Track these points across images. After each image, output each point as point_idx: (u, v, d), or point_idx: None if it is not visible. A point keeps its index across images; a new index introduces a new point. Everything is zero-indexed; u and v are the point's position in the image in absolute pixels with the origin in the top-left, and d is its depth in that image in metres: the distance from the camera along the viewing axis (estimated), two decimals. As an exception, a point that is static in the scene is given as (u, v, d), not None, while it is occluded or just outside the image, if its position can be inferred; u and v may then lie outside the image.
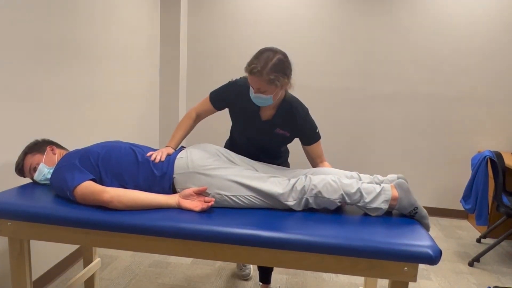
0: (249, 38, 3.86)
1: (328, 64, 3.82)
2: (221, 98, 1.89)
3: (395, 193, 1.53)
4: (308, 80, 3.85)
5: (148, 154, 1.67)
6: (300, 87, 3.85)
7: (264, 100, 1.68)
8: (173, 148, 1.80)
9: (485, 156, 2.86)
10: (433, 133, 3.81)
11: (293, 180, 1.59)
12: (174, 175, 1.61)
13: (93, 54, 2.64)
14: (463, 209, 3.88)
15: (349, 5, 3.71)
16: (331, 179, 1.55)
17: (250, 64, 1.61)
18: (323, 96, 3.87)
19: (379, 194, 1.52)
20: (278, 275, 2.60)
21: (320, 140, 1.90)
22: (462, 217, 3.90)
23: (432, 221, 3.77)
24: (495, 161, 2.80)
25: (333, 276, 2.63)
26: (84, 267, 2.11)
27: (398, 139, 3.87)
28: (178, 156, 1.67)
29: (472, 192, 2.95)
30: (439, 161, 3.84)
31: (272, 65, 1.58)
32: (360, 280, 2.61)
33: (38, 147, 1.76)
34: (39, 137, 2.18)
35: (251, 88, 1.69)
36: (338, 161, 3.97)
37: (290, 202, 1.56)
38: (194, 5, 3.90)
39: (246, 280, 2.50)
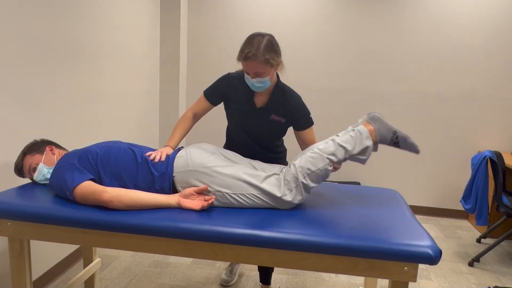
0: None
1: (328, 64, 3.82)
2: (216, 92, 1.92)
3: (370, 126, 1.57)
4: (308, 80, 3.85)
5: (147, 154, 1.67)
6: (300, 87, 3.85)
7: (262, 83, 1.72)
8: (172, 147, 1.81)
9: (485, 156, 2.86)
10: (433, 133, 3.81)
11: (281, 175, 1.60)
12: (174, 174, 1.61)
13: (93, 54, 2.64)
14: (463, 209, 3.88)
15: (349, 4, 3.71)
16: (309, 154, 1.58)
17: (243, 50, 1.67)
18: (322, 96, 3.87)
19: (356, 137, 1.56)
20: (278, 275, 2.60)
21: (313, 126, 1.91)
22: (462, 217, 3.90)
23: (432, 221, 3.77)
24: (495, 161, 2.80)
25: (333, 276, 2.63)
26: (84, 267, 2.11)
27: (398, 139, 3.86)
28: (178, 155, 1.67)
29: (472, 192, 2.95)
30: (439, 161, 3.84)
31: (264, 46, 1.65)
32: (360, 280, 2.61)
33: (37, 147, 1.76)
34: (39, 137, 2.18)
35: (246, 76, 1.73)
36: (338, 161, 3.96)
37: (288, 197, 1.56)
38: (194, 5, 3.90)
39: (224, 286, 2.42)
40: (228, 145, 2.09)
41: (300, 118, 1.88)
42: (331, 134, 3.92)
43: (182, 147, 1.80)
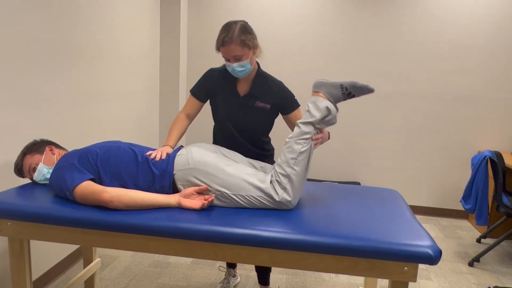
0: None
1: (328, 64, 3.82)
2: (201, 88, 1.95)
3: (318, 94, 1.61)
4: (307, 80, 3.85)
5: (148, 153, 1.67)
6: (300, 87, 3.85)
7: (243, 67, 1.77)
8: (171, 146, 1.81)
9: (485, 156, 2.86)
10: (433, 133, 3.81)
11: (272, 178, 1.59)
12: (174, 172, 1.61)
13: (93, 54, 2.64)
14: (463, 209, 3.88)
15: (348, 4, 3.71)
16: (284, 148, 1.61)
17: (219, 37, 1.74)
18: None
19: (312, 107, 1.59)
20: (278, 275, 2.60)
21: (300, 107, 1.93)
22: (462, 217, 3.90)
23: (432, 221, 3.77)
24: (495, 161, 2.80)
25: (333, 276, 2.63)
26: (84, 267, 2.11)
27: (397, 138, 3.87)
28: (178, 153, 1.67)
29: (472, 192, 2.95)
30: (439, 161, 3.84)
31: (239, 29, 1.73)
32: (360, 280, 2.61)
33: (37, 147, 1.76)
34: (39, 137, 2.18)
35: (227, 63, 1.78)
36: (337, 160, 3.97)
37: (285, 195, 1.56)
38: (194, 5, 3.90)
39: None
40: (215, 142, 2.08)
41: (284, 101, 1.92)
42: (331, 134, 3.92)
43: (182, 146, 1.80)
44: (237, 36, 1.71)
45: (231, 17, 3.86)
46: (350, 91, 1.58)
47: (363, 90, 1.57)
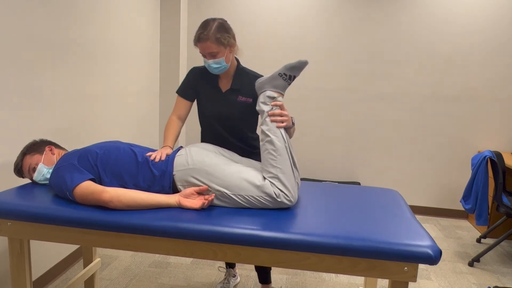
0: (249, 38, 3.87)
1: (327, 65, 3.82)
2: (186, 86, 1.98)
3: (265, 93, 1.68)
4: (307, 80, 3.85)
5: (147, 154, 1.67)
6: (300, 87, 3.85)
7: (218, 63, 1.80)
8: (170, 147, 1.81)
9: (485, 156, 2.86)
10: (433, 133, 3.81)
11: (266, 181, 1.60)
12: (174, 172, 1.61)
13: (93, 54, 2.64)
14: (463, 209, 3.88)
15: (348, 5, 3.71)
16: (262, 152, 1.65)
17: (196, 34, 1.78)
18: (322, 96, 3.87)
19: (262, 104, 1.69)
20: (278, 275, 2.60)
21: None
22: (462, 217, 3.90)
23: (432, 221, 3.77)
24: (495, 161, 2.80)
25: (333, 276, 2.63)
26: (84, 267, 2.11)
27: (397, 139, 3.87)
28: (178, 154, 1.68)
29: (472, 192, 2.95)
30: (439, 161, 3.84)
31: (215, 27, 1.76)
32: (360, 280, 2.61)
33: (37, 147, 1.76)
34: (39, 137, 2.18)
35: (204, 59, 1.82)
36: (337, 160, 3.97)
37: (284, 196, 1.56)
38: (194, 5, 3.90)
39: None
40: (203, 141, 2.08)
41: None
42: (330, 133, 3.93)
43: (182, 146, 1.80)
44: (213, 34, 1.74)
45: (231, 17, 3.86)
46: (289, 74, 1.65)
47: (299, 66, 1.65)
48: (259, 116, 1.72)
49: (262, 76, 1.95)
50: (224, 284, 2.38)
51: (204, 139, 2.06)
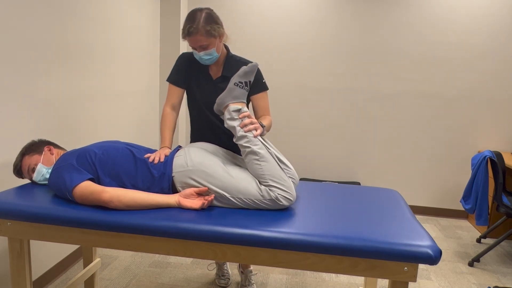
0: (248, 38, 3.86)
1: (327, 64, 3.82)
2: (177, 73, 1.96)
3: (228, 107, 1.64)
4: (307, 80, 3.85)
5: (146, 156, 1.66)
6: (300, 87, 3.85)
7: (210, 55, 1.79)
8: (168, 147, 1.80)
9: (485, 156, 2.85)
10: (433, 133, 3.81)
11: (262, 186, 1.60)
12: (173, 174, 1.61)
13: (93, 54, 2.64)
14: (463, 209, 3.88)
15: (348, 4, 3.71)
16: (246, 163, 1.62)
17: (184, 27, 1.74)
18: (322, 96, 3.87)
19: (229, 121, 1.64)
20: (278, 275, 2.59)
21: (267, 92, 1.97)
22: (462, 217, 3.90)
23: (432, 221, 3.77)
24: (495, 161, 2.80)
25: (333, 276, 2.63)
26: (84, 267, 2.11)
27: (397, 139, 3.86)
28: (176, 154, 1.67)
29: (472, 192, 2.95)
30: (439, 161, 3.84)
31: (204, 19, 1.73)
32: (360, 280, 2.61)
33: (36, 147, 1.75)
34: (39, 137, 2.18)
35: (194, 51, 1.81)
36: (337, 160, 3.97)
37: (282, 197, 1.55)
38: (194, 5, 3.90)
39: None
40: (193, 136, 2.08)
41: (253, 81, 1.93)
42: (330, 133, 3.92)
43: (180, 146, 1.79)
44: (202, 27, 1.72)
45: (231, 17, 3.86)
46: (244, 81, 1.64)
47: (251, 70, 1.64)
48: (236, 124, 1.64)
49: (251, 62, 1.89)
50: (220, 277, 2.43)
51: (193, 128, 2.06)
